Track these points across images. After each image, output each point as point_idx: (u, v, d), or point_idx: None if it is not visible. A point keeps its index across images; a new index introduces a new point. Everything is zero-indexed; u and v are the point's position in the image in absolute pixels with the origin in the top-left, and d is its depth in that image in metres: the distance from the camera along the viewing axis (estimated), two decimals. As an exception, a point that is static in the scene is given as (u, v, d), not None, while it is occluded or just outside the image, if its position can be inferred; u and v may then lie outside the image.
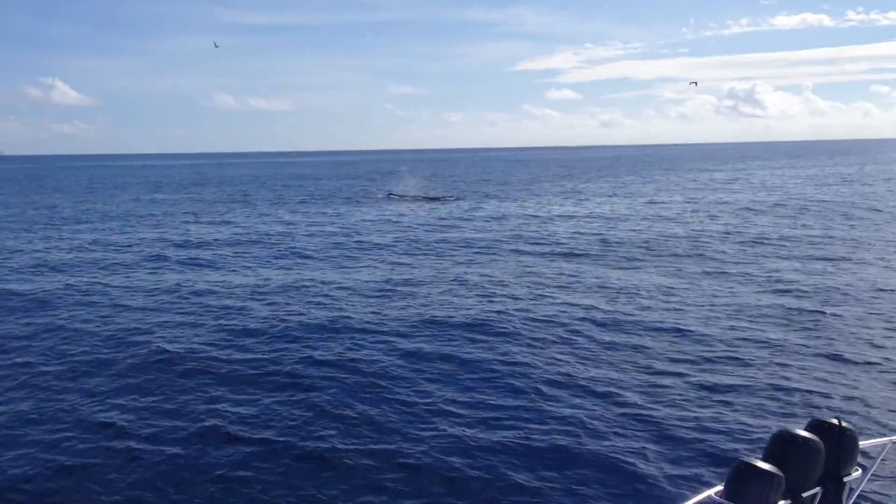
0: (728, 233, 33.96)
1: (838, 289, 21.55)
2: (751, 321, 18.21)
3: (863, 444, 4.55)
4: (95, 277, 25.91)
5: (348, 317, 19.08)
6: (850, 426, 4.37)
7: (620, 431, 11.72)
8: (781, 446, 4.15)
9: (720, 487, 4.01)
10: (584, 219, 41.28)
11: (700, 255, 27.56)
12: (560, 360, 15.16)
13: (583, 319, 18.31)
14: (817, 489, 4.24)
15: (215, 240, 35.67)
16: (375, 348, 16.16)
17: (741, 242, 30.59)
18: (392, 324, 18.24)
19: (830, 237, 31.72)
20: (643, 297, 20.71)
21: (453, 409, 12.66)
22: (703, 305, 19.59)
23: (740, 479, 3.94)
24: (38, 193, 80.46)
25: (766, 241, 30.75)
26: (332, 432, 11.83)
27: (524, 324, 17.93)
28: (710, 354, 15.52)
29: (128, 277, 25.86)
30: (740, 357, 15.31)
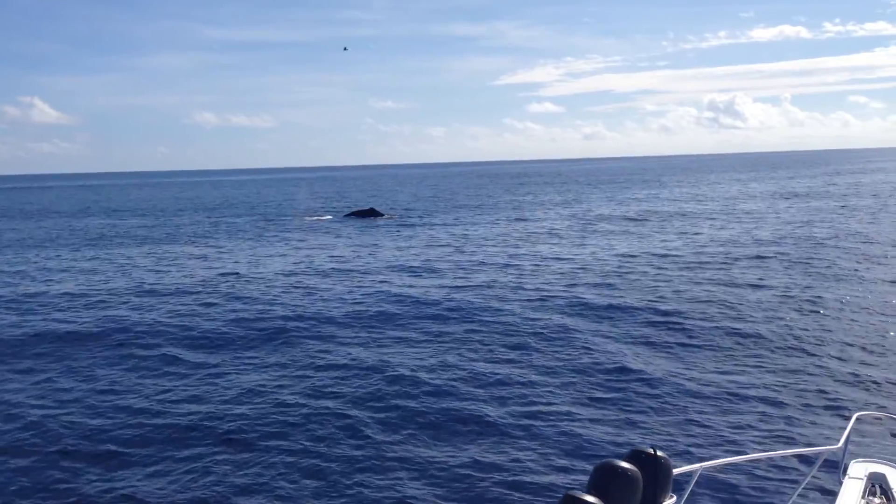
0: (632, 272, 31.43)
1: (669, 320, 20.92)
2: (571, 349, 18.00)
3: (676, 471, 4.72)
4: None
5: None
6: (664, 455, 4.54)
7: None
8: (603, 477, 4.28)
9: None
10: (504, 258, 38.51)
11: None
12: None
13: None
14: None
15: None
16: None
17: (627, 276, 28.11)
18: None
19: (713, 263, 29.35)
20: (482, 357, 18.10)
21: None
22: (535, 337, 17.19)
23: None
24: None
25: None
26: None
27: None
28: (532, 391, 15.04)
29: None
30: (562, 390, 15.03)
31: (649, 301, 23.17)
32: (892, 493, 5.74)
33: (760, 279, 26.65)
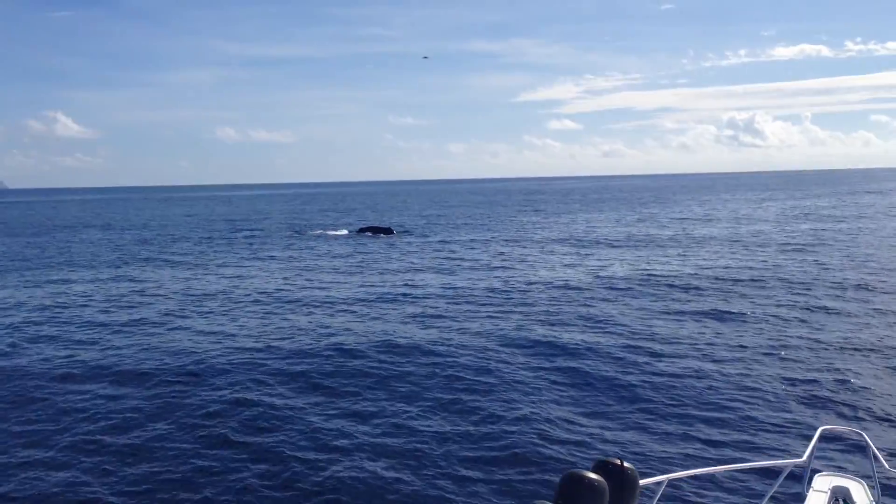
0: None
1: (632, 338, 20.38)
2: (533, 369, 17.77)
3: (642, 482, 4.79)
4: None
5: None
6: (630, 466, 4.57)
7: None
8: (570, 487, 4.27)
9: None
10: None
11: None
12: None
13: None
14: None
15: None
16: None
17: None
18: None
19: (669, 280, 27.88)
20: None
21: None
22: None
23: None
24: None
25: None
26: None
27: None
28: (495, 404, 15.27)
29: None
30: (525, 403, 15.19)
31: (631, 324, 22.36)
32: None
33: (746, 297, 26.23)
